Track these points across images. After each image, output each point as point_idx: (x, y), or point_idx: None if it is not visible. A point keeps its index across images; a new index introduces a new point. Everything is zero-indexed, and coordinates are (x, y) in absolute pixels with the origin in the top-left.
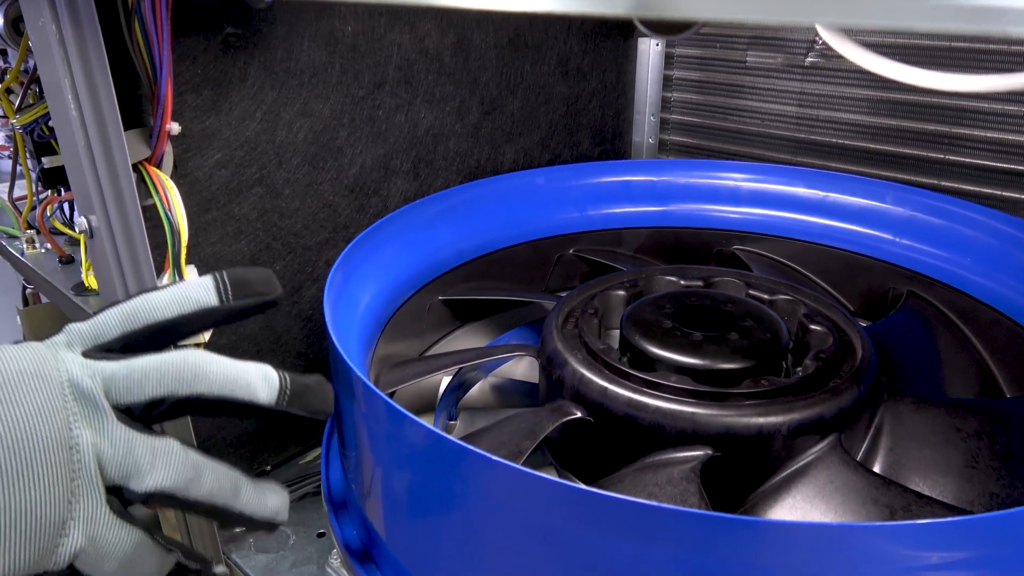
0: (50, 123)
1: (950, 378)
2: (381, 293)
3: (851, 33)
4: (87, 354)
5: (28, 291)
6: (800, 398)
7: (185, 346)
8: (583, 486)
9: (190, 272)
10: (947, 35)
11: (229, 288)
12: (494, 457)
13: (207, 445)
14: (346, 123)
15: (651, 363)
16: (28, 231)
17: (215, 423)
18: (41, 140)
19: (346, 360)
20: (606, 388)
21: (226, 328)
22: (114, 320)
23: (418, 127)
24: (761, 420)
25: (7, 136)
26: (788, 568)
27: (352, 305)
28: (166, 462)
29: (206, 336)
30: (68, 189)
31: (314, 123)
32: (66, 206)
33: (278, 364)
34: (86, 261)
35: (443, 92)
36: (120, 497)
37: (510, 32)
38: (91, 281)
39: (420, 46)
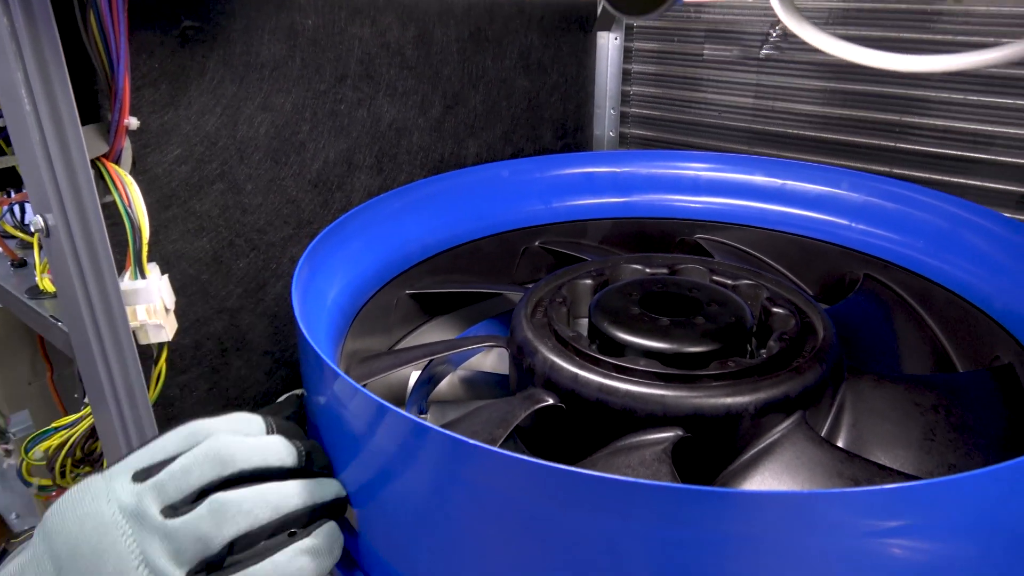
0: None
1: (907, 356)
2: (348, 288)
3: (808, 16)
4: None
5: None
6: (766, 378)
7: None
8: (558, 465)
9: (152, 270)
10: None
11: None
12: (472, 441)
13: None
14: (308, 117)
15: (620, 349)
16: None
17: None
18: None
19: (318, 352)
20: (577, 374)
21: (191, 328)
22: (196, 471)
23: (381, 121)
24: (729, 400)
25: None
26: (756, 535)
27: (319, 300)
28: (224, 516)
29: (170, 334)
30: (19, 190)
31: (275, 118)
32: (17, 208)
33: (243, 364)
34: (40, 263)
35: (405, 86)
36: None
37: (471, 26)
38: (46, 284)
39: (381, 40)
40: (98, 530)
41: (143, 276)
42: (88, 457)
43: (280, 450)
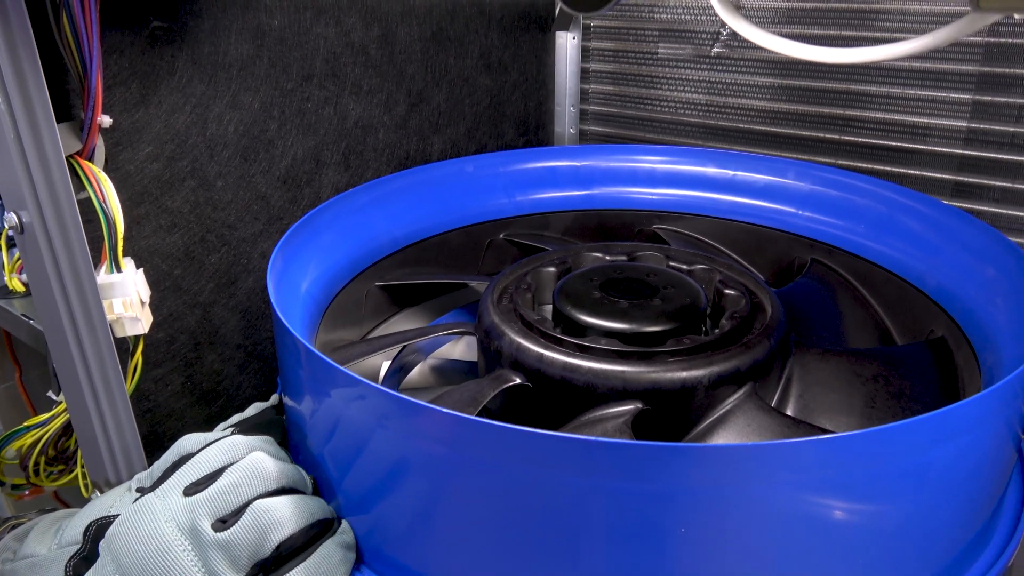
0: None
1: (851, 332)
2: (320, 279)
3: (747, 14)
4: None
5: None
6: (718, 353)
7: None
8: (528, 428)
9: (127, 264)
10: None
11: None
12: (447, 410)
13: (148, 440)
14: (276, 116)
15: (583, 330)
16: None
17: (155, 420)
18: None
19: (295, 334)
20: (542, 354)
21: (164, 323)
22: (244, 487)
23: (347, 119)
24: (684, 374)
25: None
26: (704, 487)
27: (293, 290)
28: (271, 524)
29: (146, 327)
30: None
31: (244, 116)
32: None
33: (217, 358)
34: (9, 264)
35: (370, 84)
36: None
37: (433, 26)
38: (15, 284)
39: (346, 39)
40: (161, 549)
41: (119, 270)
42: (62, 455)
43: (298, 472)
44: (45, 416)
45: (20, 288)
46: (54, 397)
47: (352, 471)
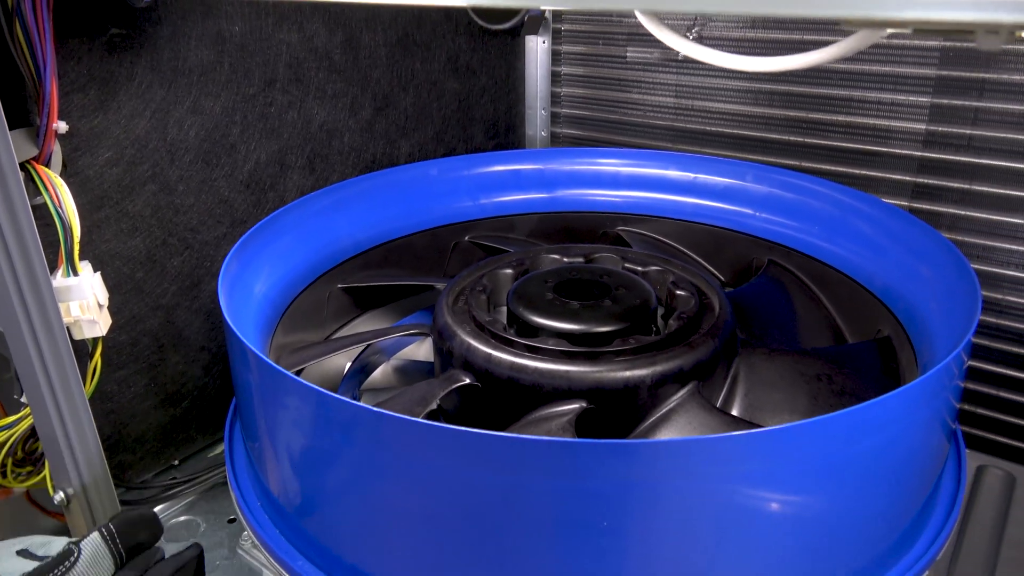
0: None
1: (805, 332)
2: (279, 283)
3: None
4: None
5: None
6: (662, 352)
7: None
8: (464, 428)
9: (84, 267)
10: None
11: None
12: (389, 412)
13: (112, 441)
14: (238, 120)
15: (535, 331)
16: None
17: (119, 421)
18: None
19: (241, 339)
20: (490, 354)
21: (126, 326)
22: None
23: (311, 123)
24: (627, 373)
25: None
26: (635, 480)
27: (247, 294)
28: None
29: (104, 329)
30: None
31: (205, 121)
32: None
33: (181, 360)
34: None
35: (335, 89)
36: None
37: (399, 31)
38: None
39: (309, 45)
40: None
41: (75, 273)
42: (29, 457)
43: None
44: (12, 419)
45: None
46: (19, 399)
47: (298, 468)
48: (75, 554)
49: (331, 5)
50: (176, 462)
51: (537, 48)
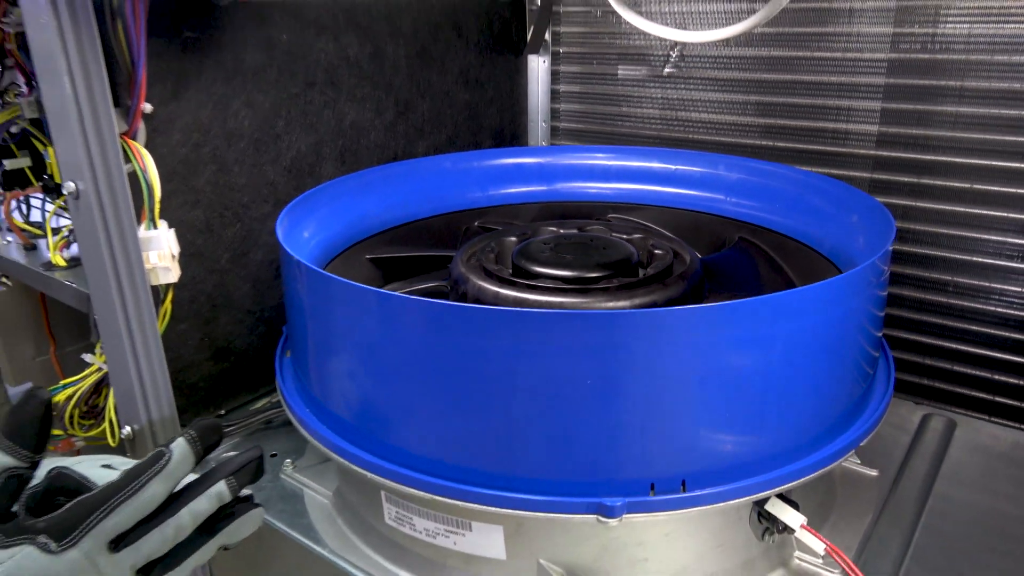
0: (12, 129)
1: (767, 289)
2: (317, 247)
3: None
4: (115, 544)
5: None
6: (640, 288)
7: None
8: (478, 305)
9: (162, 224)
10: None
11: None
12: (415, 297)
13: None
14: (283, 115)
15: (535, 276)
16: None
17: (176, 369)
18: (3, 144)
19: (291, 252)
20: (498, 292)
21: (187, 285)
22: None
23: (343, 121)
24: (611, 303)
25: None
26: (629, 346)
27: (298, 243)
28: None
29: (175, 277)
30: (24, 188)
31: (256, 113)
32: (23, 206)
33: (230, 320)
34: (54, 242)
35: (363, 93)
36: None
37: (418, 45)
38: (58, 259)
39: (343, 54)
40: None
41: (155, 227)
42: (92, 411)
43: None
44: (77, 377)
45: (63, 263)
46: (88, 359)
47: (343, 355)
48: (167, 455)
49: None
50: (223, 412)
51: (538, 68)
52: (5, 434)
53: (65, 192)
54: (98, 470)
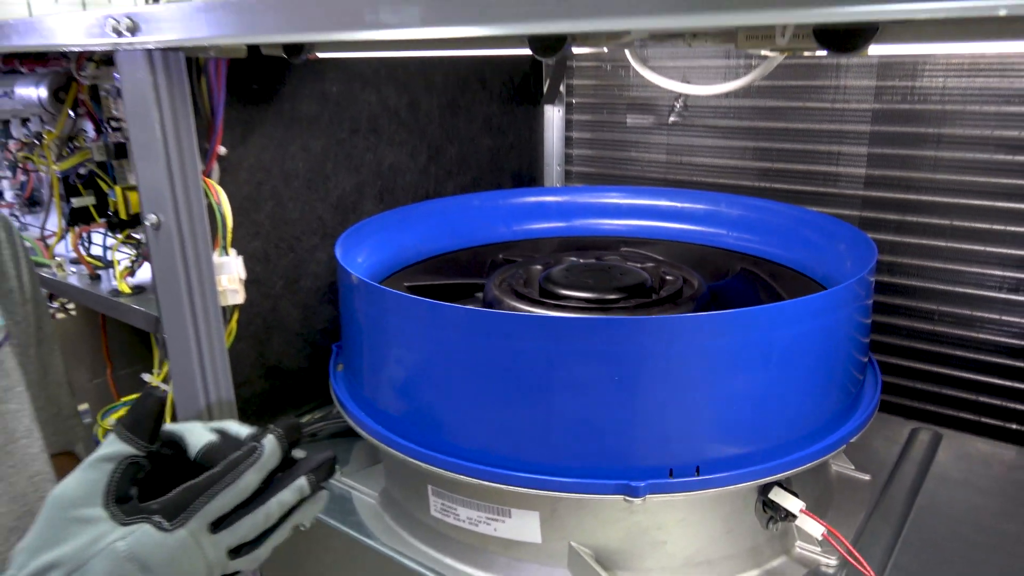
0: (81, 171)
1: None
2: (365, 272)
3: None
4: (214, 526)
5: None
6: (654, 308)
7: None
8: (521, 312)
9: (232, 251)
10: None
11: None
12: (463, 306)
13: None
14: (331, 158)
15: (560, 298)
16: (56, 259)
17: (234, 383)
18: (72, 184)
19: (351, 271)
20: (529, 311)
21: (246, 308)
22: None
23: (383, 164)
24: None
25: (15, 194)
26: (640, 346)
27: (355, 268)
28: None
29: (241, 299)
30: (88, 223)
31: (309, 156)
32: (85, 240)
33: (281, 341)
34: (119, 273)
35: (400, 138)
36: None
37: (448, 97)
38: (123, 287)
39: (384, 104)
40: None
41: (227, 254)
42: None
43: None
44: (134, 396)
45: (127, 290)
46: (147, 378)
47: (398, 360)
48: (260, 449)
49: (400, 63)
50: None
51: (554, 116)
52: (126, 427)
53: (147, 223)
54: (208, 434)
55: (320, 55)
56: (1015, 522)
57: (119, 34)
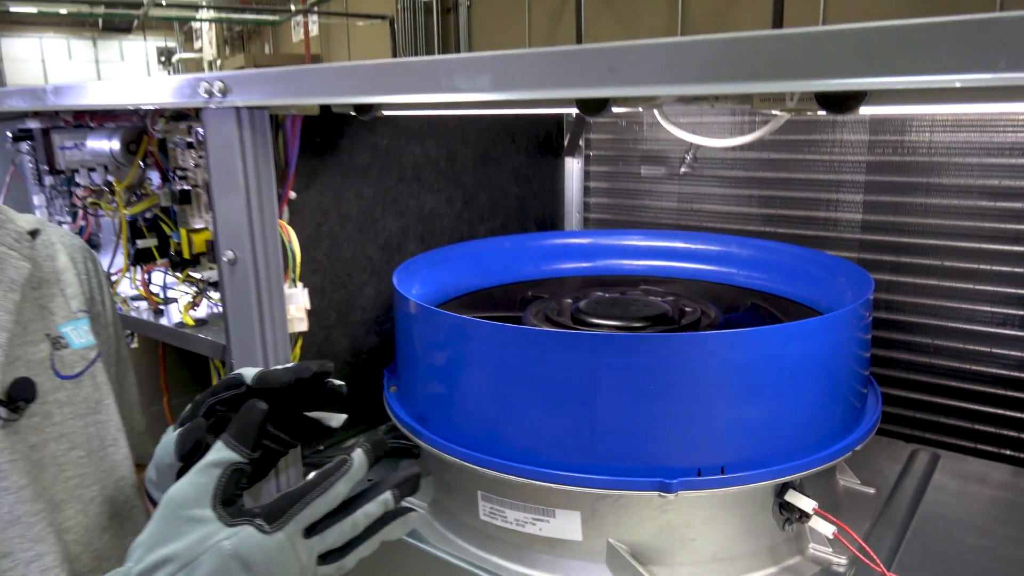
0: (147, 215)
1: None
2: None
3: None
4: (307, 532)
5: None
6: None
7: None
8: (566, 330)
9: (299, 284)
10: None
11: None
12: (512, 325)
13: None
14: (380, 203)
15: (591, 326)
16: (119, 295)
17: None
18: (137, 226)
19: (407, 296)
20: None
21: (304, 336)
22: (320, 510)
23: (424, 209)
24: None
25: None
26: (673, 360)
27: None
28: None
29: (306, 327)
30: (150, 262)
31: (362, 202)
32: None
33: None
34: (184, 307)
35: (439, 186)
36: None
37: (481, 149)
38: (188, 319)
39: (426, 155)
40: None
41: (295, 286)
42: None
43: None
44: None
45: (191, 323)
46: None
47: (454, 375)
48: (349, 462)
49: (439, 120)
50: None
51: (574, 168)
52: (232, 436)
53: (224, 259)
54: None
55: (386, 112)
56: (1011, 527)
57: (211, 95)
